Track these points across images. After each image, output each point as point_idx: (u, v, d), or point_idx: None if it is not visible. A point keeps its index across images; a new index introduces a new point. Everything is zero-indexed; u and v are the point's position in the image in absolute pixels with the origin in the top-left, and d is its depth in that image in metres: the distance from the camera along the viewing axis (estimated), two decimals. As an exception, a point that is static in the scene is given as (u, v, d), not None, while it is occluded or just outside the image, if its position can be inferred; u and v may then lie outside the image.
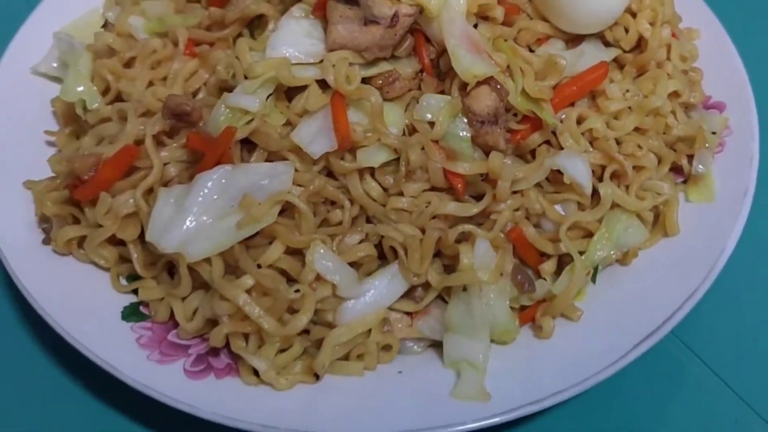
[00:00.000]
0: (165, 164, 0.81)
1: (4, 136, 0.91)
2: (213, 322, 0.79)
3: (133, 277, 0.84)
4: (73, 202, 0.84)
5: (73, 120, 0.91)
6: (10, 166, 0.89)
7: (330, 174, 0.81)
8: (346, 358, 0.79)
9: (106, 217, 0.80)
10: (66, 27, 0.99)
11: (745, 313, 0.90)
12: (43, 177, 0.88)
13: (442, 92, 0.83)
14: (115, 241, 0.83)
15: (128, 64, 0.89)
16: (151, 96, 0.85)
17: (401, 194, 0.80)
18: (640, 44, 0.92)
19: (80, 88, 0.87)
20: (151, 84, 0.87)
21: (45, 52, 0.97)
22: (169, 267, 0.82)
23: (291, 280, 0.78)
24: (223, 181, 0.78)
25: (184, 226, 0.77)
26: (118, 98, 0.88)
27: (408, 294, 0.81)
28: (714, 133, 0.91)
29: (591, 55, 0.90)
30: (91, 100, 0.86)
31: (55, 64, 0.95)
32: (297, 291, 0.76)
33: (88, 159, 0.81)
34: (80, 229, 0.83)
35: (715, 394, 0.86)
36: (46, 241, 0.84)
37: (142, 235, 0.81)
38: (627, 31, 0.91)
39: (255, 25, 0.89)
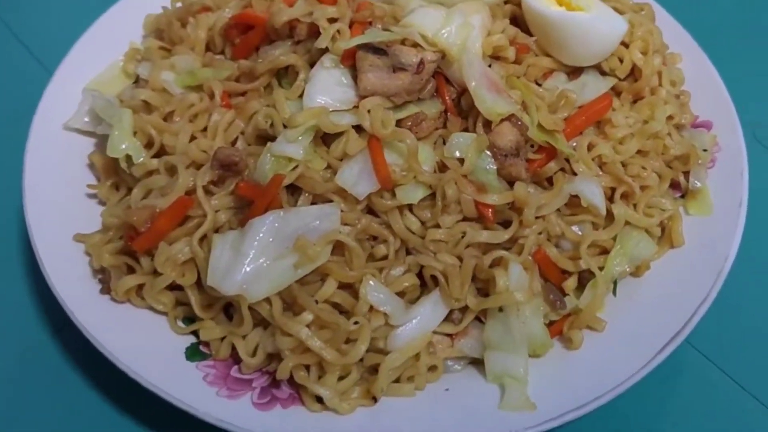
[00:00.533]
0: (216, 211, 0.87)
1: (46, 192, 0.94)
2: (272, 356, 0.85)
3: (189, 319, 0.89)
4: (127, 252, 0.89)
5: (113, 173, 0.96)
6: (55, 221, 0.93)
7: (370, 211, 0.87)
8: (397, 380, 0.86)
9: (166, 264, 0.86)
10: (92, 83, 1.03)
11: (745, 313, 0.99)
12: (80, 229, 0.93)
13: (466, 129, 0.91)
14: (171, 286, 0.88)
15: (166, 117, 0.94)
16: (196, 148, 0.90)
17: (438, 226, 0.87)
18: (633, 72, 1.01)
19: (124, 145, 0.91)
20: (193, 137, 0.92)
21: (73, 108, 1.01)
22: (225, 307, 0.88)
23: (342, 311, 0.85)
24: (276, 224, 0.84)
25: (243, 270, 0.82)
26: (161, 151, 0.93)
27: (447, 317, 0.88)
28: (705, 150, 1.00)
29: (592, 85, 0.98)
30: (137, 155, 0.91)
31: (86, 119, 1.00)
32: (356, 323, 0.83)
33: (144, 212, 0.86)
34: (138, 277, 0.88)
35: (717, 385, 0.95)
36: (105, 291, 0.88)
37: (198, 280, 0.87)
38: (621, 60, 1.00)
39: (282, 74, 0.95)
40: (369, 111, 0.86)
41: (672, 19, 1.12)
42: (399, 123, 0.88)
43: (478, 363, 0.89)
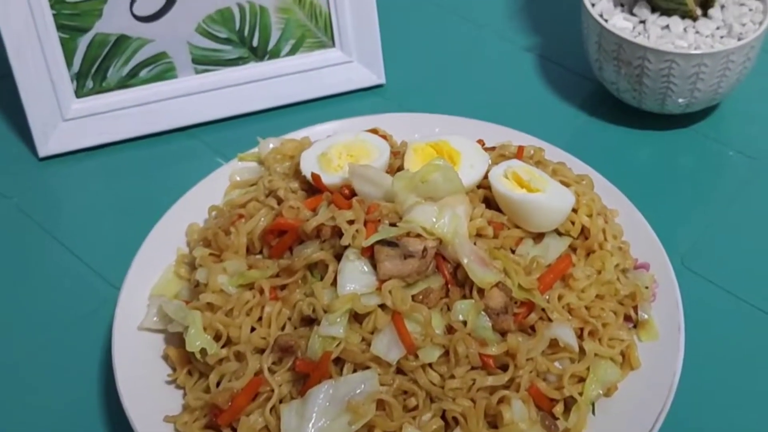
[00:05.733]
0: (279, 386, 1.11)
1: (134, 382, 1.17)
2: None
3: (268, 467, 1.12)
4: (211, 426, 1.12)
5: (186, 362, 1.19)
6: (148, 405, 1.15)
7: (399, 370, 1.12)
8: (437, 501, 1.09)
9: (247, 433, 1.09)
10: (155, 290, 1.28)
11: (689, 411, 1.24)
12: (165, 409, 1.16)
13: (464, 296, 1.16)
14: (251, 446, 1.11)
15: (227, 313, 1.18)
16: (257, 337, 1.14)
17: (453, 377, 1.12)
18: (584, 231, 1.28)
19: (199, 342, 1.14)
20: (252, 327, 1.16)
21: (139, 311, 1.25)
22: (296, 458, 1.11)
23: (387, 453, 1.09)
24: (331, 392, 1.08)
25: (310, 431, 1.06)
26: (227, 341, 1.16)
27: (468, 446, 1.12)
28: (647, 287, 1.27)
29: (554, 245, 1.25)
30: (210, 348, 1.14)
31: (155, 319, 1.23)
32: (403, 463, 1.07)
33: (225, 394, 1.10)
34: (225, 445, 1.11)
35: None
36: (200, 458, 1.11)
37: (271, 439, 1.10)
38: (573, 223, 1.27)
39: (312, 266, 1.20)
40: (390, 292, 1.12)
41: (605, 180, 1.40)
42: (413, 297, 1.14)
43: (495, 479, 1.12)
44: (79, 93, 1.64)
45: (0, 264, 1.49)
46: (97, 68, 1.64)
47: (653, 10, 1.61)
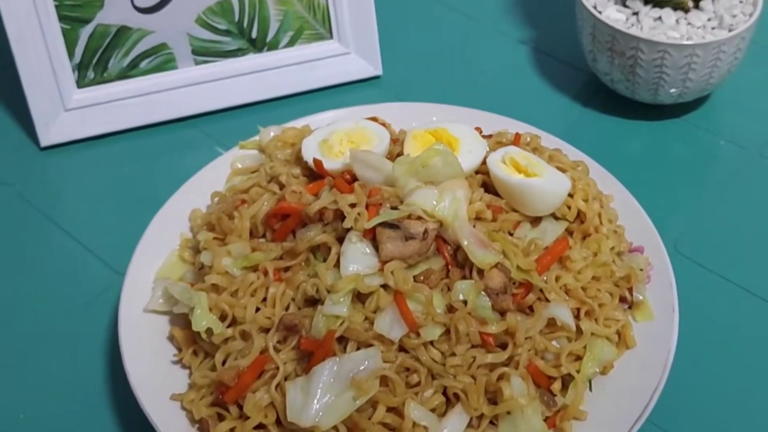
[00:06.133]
0: (284, 363, 1.13)
1: (140, 362, 1.19)
2: (342, 467, 1.11)
3: (271, 446, 1.14)
4: (217, 403, 1.14)
5: (191, 342, 1.21)
6: (154, 384, 1.18)
7: (401, 348, 1.14)
8: (437, 477, 1.12)
9: (253, 410, 1.11)
10: (160, 273, 1.30)
11: (683, 390, 1.27)
12: (171, 388, 1.18)
13: (464, 277, 1.19)
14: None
15: (232, 294, 1.20)
16: (262, 317, 1.17)
17: (454, 354, 1.14)
18: (579, 215, 1.31)
19: (204, 322, 1.17)
20: (257, 308, 1.19)
21: (144, 294, 1.27)
22: (300, 435, 1.13)
23: (391, 428, 1.11)
24: (335, 368, 1.10)
25: (314, 407, 1.08)
26: (232, 321, 1.19)
27: (468, 423, 1.14)
28: (641, 269, 1.30)
29: (551, 229, 1.28)
30: (216, 327, 1.17)
31: (161, 301, 1.26)
32: (406, 438, 1.09)
33: (231, 371, 1.12)
34: (230, 422, 1.12)
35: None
36: (204, 436, 1.14)
37: (276, 418, 1.12)
38: (569, 207, 1.30)
39: (315, 248, 1.22)
40: (392, 272, 1.15)
41: (600, 167, 1.43)
42: (414, 278, 1.16)
43: (494, 456, 1.15)
44: (81, 83, 1.66)
45: (3, 250, 1.51)
46: (99, 59, 1.66)
47: (646, 1, 1.65)
